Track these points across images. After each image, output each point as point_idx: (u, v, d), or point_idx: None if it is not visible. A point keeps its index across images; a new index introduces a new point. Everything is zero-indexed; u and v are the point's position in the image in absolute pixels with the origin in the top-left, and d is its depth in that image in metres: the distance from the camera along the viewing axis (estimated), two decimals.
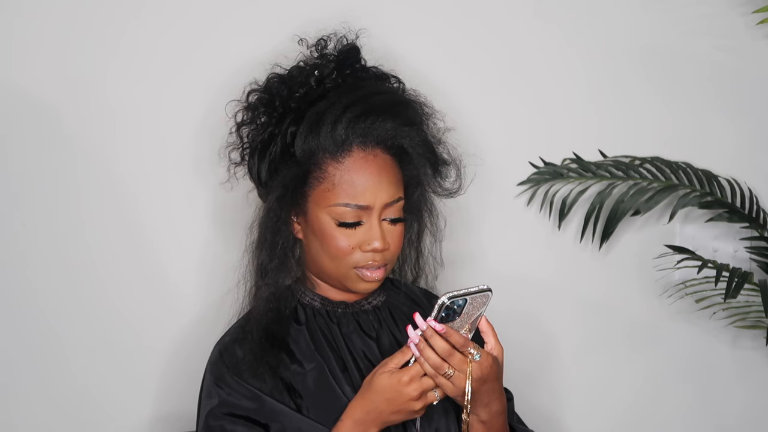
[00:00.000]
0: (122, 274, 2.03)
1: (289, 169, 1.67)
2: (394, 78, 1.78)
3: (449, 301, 1.54)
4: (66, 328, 2.01)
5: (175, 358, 2.04)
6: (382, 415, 1.59)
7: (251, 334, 1.68)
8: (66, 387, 2.02)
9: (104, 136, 2.00)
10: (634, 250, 2.25)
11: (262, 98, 1.73)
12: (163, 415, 2.05)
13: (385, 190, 1.66)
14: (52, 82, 1.96)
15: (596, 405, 2.27)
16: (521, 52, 2.17)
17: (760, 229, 2.18)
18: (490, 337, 1.62)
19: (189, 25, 2.01)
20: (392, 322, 1.76)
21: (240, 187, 1.83)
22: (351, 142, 1.66)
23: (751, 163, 2.26)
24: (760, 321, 2.22)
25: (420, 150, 1.71)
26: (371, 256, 1.66)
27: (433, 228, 1.81)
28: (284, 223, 1.69)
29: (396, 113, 1.69)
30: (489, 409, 1.62)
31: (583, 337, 2.26)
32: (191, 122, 2.01)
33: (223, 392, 1.66)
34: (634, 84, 2.22)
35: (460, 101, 2.09)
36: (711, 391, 2.32)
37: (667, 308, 2.27)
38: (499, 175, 2.16)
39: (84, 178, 2.00)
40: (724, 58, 2.24)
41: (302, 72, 1.73)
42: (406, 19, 2.10)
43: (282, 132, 1.69)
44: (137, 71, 2.00)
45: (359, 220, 1.66)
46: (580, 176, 2.17)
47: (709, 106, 2.25)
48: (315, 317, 1.73)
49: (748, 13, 2.21)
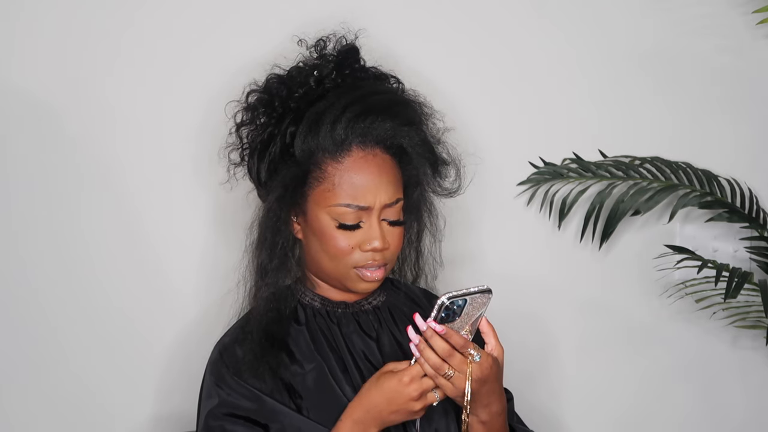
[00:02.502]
0: (122, 274, 2.02)
1: (288, 169, 1.67)
2: (393, 78, 1.78)
3: (449, 302, 1.53)
4: (66, 328, 2.01)
5: (176, 358, 2.04)
6: (382, 414, 1.59)
7: (251, 335, 1.67)
8: (66, 387, 2.02)
9: (104, 137, 2.00)
10: (634, 250, 2.24)
11: (262, 98, 1.73)
12: (164, 415, 2.05)
13: (385, 191, 1.66)
14: (52, 82, 1.96)
15: (596, 405, 2.27)
16: (521, 52, 2.17)
17: (760, 229, 2.18)
18: (490, 337, 1.62)
19: (188, 27, 2.01)
20: (392, 323, 1.76)
21: (240, 187, 1.83)
22: (350, 141, 1.66)
23: (751, 163, 2.26)
24: (760, 321, 2.22)
25: (419, 150, 1.71)
26: (371, 255, 1.66)
27: (432, 228, 1.81)
28: (284, 223, 1.69)
29: (395, 113, 1.69)
30: (489, 410, 1.62)
31: (582, 337, 2.25)
32: (191, 123, 2.01)
33: (223, 392, 1.65)
34: (634, 84, 2.22)
35: (460, 101, 2.09)
36: (711, 391, 2.31)
37: (667, 308, 2.27)
38: (499, 175, 2.16)
39: (84, 178, 2.00)
40: (724, 58, 2.24)
41: (301, 72, 1.73)
42: (406, 20, 2.10)
43: (281, 132, 1.68)
44: (137, 72, 2.00)
45: (359, 221, 1.65)
46: (580, 176, 2.17)
47: (709, 106, 2.25)
48: (315, 317, 1.73)
49: (748, 13, 2.21)
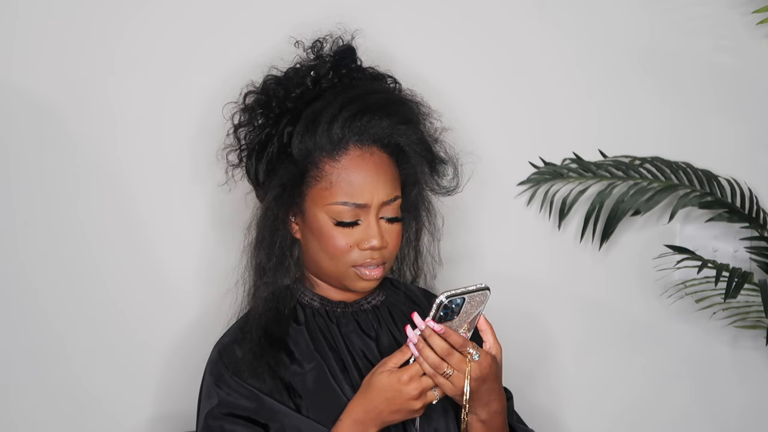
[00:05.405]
0: (122, 275, 2.02)
1: (286, 169, 1.67)
2: (390, 78, 1.78)
3: (447, 300, 1.53)
4: (67, 328, 2.01)
5: (175, 358, 2.04)
6: (382, 414, 1.59)
7: (250, 334, 1.67)
8: (66, 387, 2.02)
9: (104, 138, 2.00)
10: (634, 250, 2.24)
11: (259, 99, 1.73)
12: (163, 414, 2.05)
13: (383, 189, 1.66)
14: (52, 84, 1.96)
15: (596, 405, 2.27)
16: (521, 52, 2.17)
17: (760, 229, 2.18)
18: (488, 335, 1.62)
19: (187, 30, 2.01)
20: (391, 322, 1.76)
21: (238, 189, 1.83)
22: (347, 140, 1.66)
23: (751, 163, 2.26)
24: (760, 321, 2.21)
25: (417, 148, 1.71)
26: (369, 254, 1.66)
27: (431, 227, 1.81)
28: (282, 223, 1.69)
29: (392, 111, 1.69)
30: (488, 409, 1.62)
31: (582, 337, 2.25)
32: (189, 124, 2.01)
33: (223, 392, 1.65)
34: (634, 84, 2.22)
35: (460, 101, 2.09)
36: (711, 391, 2.31)
37: (667, 308, 2.26)
38: (499, 175, 2.16)
39: (83, 179, 2.00)
40: (723, 58, 2.24)
41: (298, 73, 1.73)
42: (403, 20, 2.10)
43: (279, 132, 1.68)
44: (136, 74, 2.00)
45: (356, 219, 1.66)
46: (580, 176, 2.17)
47: (708, 106, 2.25)
48: (314, 317, 1.73)
49: (748, 13, 2.21)
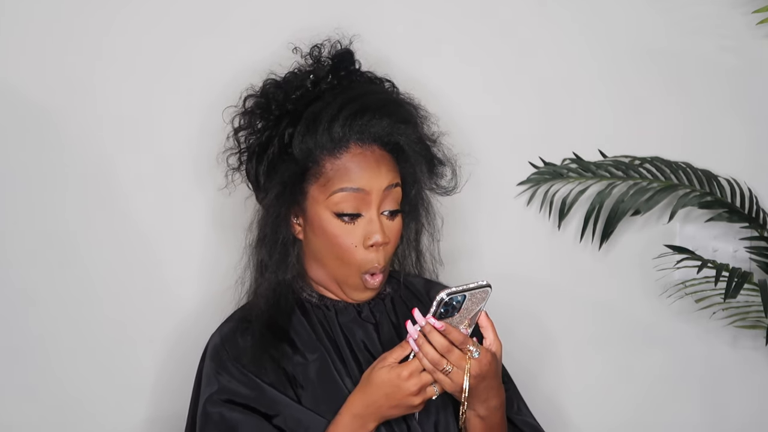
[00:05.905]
0: (121, 279, 2.03)
1: (287, 167, 1.67)
2: (388, 82, 1.80)
3: (448, 297, 1.53)
4: (64, 330, 2.01)
5: (172, 360, 2.04)
6: (381, 409, 1.59)
7: (252, 325, 1.68)
8: (62, 387, 2.02)
9: (104, 142, 2.00)
10: (634, 250, 2.24)
11: (259, 102, 1.74)
12: (160, 415, 2.05)
13: (384, 176, 1.66)
14: (50, 88, 1.96)
15: (596, 405, 2.27)
16: (521, 52, 2.17)
17: (759, 229, 2.18)
18: (489, 332, 1.62)
19: (187, 35, 2.01)
20: (392, 312, 1.76)
21: (238, 192, 1.84)
22: (348, 139, 1.66)
23: (751, 163, 2.26)
24: (760, 321, 2.21)
25: (416, 147, 1.71)
26: (374, 256, 1.66)
27: (430, 227, 1.81)
28: (283, 220, 1.70)
29: (391, 111, 1.70)
30: (487, 405, 1.63)
31: (582, 337, 2.25)
32: (189, 129, 2.01)
33: (224, 379, 1.66)
34: (634, 84, 2.22)
35: (460, 101, 2.10)
36: (711, 391, 2.31)
37: (667, 308, 2.26)
38: (499, 175, 2.16)
39: (83, 183, 2.00)
40: (724, 58, 2.24)
41: (297, 76, 1.74)
42: (402, 22, 2.10)
43: (279, 133, 1.69)
44: (136, 79, 2.00)
45: (358, 211, 1.66)
46: (580, 176, 2.17)
47: (709, 106, 2.25)
48: (314, 309, 1.73)
49: (748, 12, 2.21)
